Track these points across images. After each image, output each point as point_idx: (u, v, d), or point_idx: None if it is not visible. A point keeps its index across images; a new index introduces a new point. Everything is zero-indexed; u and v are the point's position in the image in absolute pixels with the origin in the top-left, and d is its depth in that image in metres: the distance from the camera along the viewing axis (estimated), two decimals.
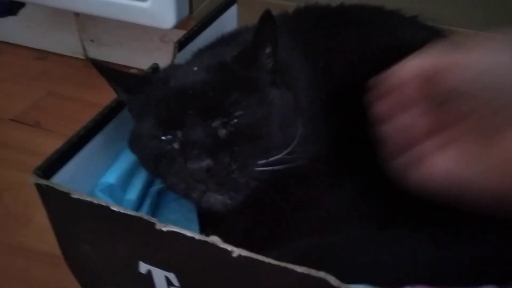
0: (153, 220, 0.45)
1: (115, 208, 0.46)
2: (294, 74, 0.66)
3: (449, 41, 0.65)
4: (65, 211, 0.52)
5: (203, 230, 0.63)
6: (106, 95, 0.65)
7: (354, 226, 0.57)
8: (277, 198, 0.63)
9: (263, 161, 0.56)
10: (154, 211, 0.65)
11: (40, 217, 0.79)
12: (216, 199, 0.55)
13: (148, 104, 0.58)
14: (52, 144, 0.55)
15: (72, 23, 1.23)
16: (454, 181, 0.46)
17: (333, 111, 0.63)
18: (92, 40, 1.25)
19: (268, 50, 0.58)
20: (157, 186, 0.65)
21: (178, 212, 0.65)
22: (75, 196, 0.47)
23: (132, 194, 0.61)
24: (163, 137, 0.56)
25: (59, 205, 0.51)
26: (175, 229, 0.44)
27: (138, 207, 0.62)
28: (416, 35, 0.73)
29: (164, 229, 0.44)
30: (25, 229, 0.85)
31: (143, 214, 0.46)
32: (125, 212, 0.46)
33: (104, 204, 0.46)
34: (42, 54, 1.29)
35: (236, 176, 0.54)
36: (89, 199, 0.47)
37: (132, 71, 0.65)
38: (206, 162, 0.52)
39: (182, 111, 0.55)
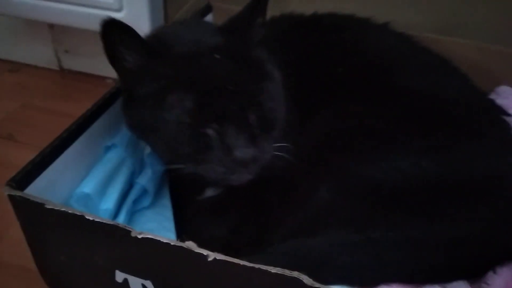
0: (129, 227, 0.45)
1: (89, 217, 0.46)
2: None
3: None
4: (39, 222, 0.51)
5: (180, 238, 0.63)
6: (82, 107, 0.64)
7: (331, 228, 0.58)
8: (256, 201, 0.64)
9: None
10: (130, 220, 0.64)
11: (14, 231, 0.78)
12: (245, 177, 0.58)
13: (173, 87, 0.56)
14: (25, 157, 0.54)
15: (46, 34, 1.22)
16: None
17: (304, 114, 0.64)
18: (66, 51, 1.24)
19: (259, 20, 0.62)
20: (133, 195, 0.65)
21: (154, 220, 0.65)
22: (49, 206, 0.47)
23: (109, 203, 0.60)
24: (200, 127, 0.56)
25: (33, 216, 0.51)
26: (151, 236, 0.44)
27: (114, 217, 0.62)
28: (386, 41, 0.75)
29: (140, 236, 0.44)
30: None
31: (118, 222, 0.46)
32: (100, 220, 0.46)
33: (78, 214, 0.46)
34: (16, 66, 1.27)
35: (266, 158, 0.59)
36: (63, 208, 0.47)
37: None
38: (253, 150, 0.56)
39: (221, 104, 0.56)
